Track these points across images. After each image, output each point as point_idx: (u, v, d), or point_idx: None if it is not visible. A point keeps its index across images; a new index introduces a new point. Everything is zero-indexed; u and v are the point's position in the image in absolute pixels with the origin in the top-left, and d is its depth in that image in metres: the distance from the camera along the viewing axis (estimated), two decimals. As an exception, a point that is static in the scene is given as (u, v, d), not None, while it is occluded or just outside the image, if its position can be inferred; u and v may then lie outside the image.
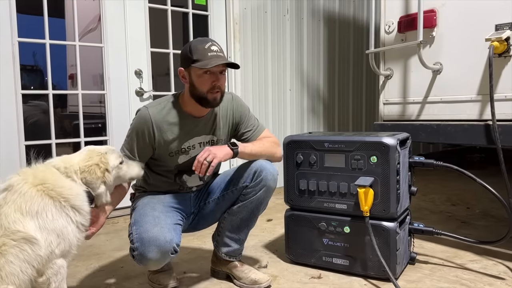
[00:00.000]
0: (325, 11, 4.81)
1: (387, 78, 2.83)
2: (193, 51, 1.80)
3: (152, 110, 1.89)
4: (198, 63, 1.77)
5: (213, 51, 1.79)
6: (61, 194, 1.45)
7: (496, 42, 2.14)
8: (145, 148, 1.90)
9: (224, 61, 1.79)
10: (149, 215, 1.82)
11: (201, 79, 1.81)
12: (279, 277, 2.15)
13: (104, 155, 1.63)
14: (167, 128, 1.89)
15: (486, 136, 2.23)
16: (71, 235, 1.46)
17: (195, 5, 3.85)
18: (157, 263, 1.79)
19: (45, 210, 1.40)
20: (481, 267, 2.20)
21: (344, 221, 2.10)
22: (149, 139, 1.88)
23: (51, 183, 1.45)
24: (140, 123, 1.88)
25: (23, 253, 1.33)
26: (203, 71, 1.79)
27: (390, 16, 2.75)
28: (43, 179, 1.45)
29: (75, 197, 1.48)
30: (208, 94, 1.82)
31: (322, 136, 2.19)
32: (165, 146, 1.91)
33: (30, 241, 1.34)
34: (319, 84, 4.85)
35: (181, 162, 1.97)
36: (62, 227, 1.43)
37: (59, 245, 1.42)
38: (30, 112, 4.95)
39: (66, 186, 1.49)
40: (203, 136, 1.97)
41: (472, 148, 5.96)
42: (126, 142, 1.92)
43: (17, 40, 2.98)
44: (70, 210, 1.46)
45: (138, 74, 3.52)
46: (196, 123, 1.94)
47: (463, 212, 3.32)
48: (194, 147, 1.96)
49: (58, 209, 1.43)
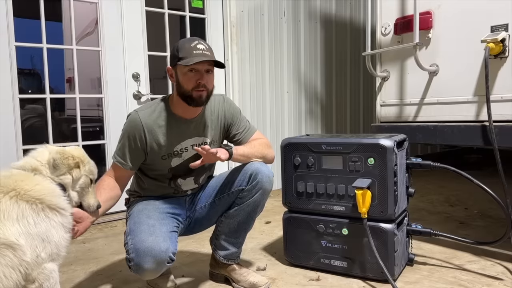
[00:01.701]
0: (321, 13, 4.83)
1: (384, 80, 2.84)
2: (180, 49, 1.81)
3: (142, 113, 1.88)
4: (183, 60, 1.78)
5: (199, 49, 1.79)
6: (34, 196, 1.40)
7: (492, 43, 2.15)
8: (137, 152, 1.89)
9: (207, 58, 1.79)
10: (144, 224, 1.80)
11: (186, 77, 1.82)
12: (277, 280, 2.15)
13: (84, 157, 1.61)
14: (158, 131, 1.89)
15: (483, 137, 2.24)
16: (56, 237, 1.42)
17: (192, 8, 3.85)
18: (153, 273, 1.77)
19: (25, 216, 1.36)
20: (479, 268, 2.20)
21: (342, 223, 2.11)
22: (140, 143, 1.87)
23: (21, 187, 1.40)
24: (131, 127, 1.87)
25: (5, 259, 1.29)
26: (188, 69, 1.80)
27: (386, 18, 2.76)
28: (12, 185, 1.39)
29: (47, 195, 1.43)
30: (193, 92, 1.82)
31: (320, 138, 2.20)
32: (158, 149, 1.90)
33: (12, 246, 1.31)
34: (316, 86, 4.85)
35: (174, 165, 1.96)
36: (46, 230, 1.40)
37: (45, 248, 1.38)
38: (27, 115, 4.96)
39: (36, 184, 1.43)
40: (195, 138, 1.96)
41: (469, 149, 5.98)
42: (118, 148, 1.91)
43: (14, 45, 2.98)
44: (49, 211, 1.42)
45: (136, 77, 3.52)
46: (187, 125, 1.94)
47: (461, 213, 3.32)
48: (187, 149, 1.95)
49: (37, 213, 1.39)
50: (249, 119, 4.19)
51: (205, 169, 2.06)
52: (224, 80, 4.06)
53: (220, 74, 4.05)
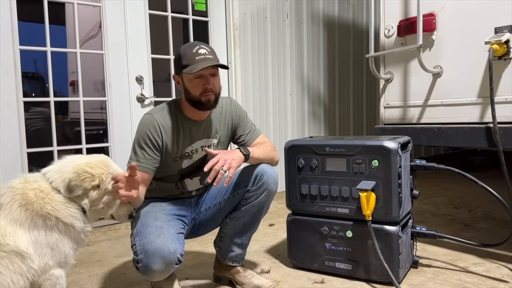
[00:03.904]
0: (324, 15, 4.83)
1: (387, 82, 2.83)
2: (182, 56, 1.82)
3: (157, 115, 1.90)
4: (187, 68, 1.79)
5: (201, 54, 1.80)
6: (51, 214, 1.40)
7: (496, 45, 2.14)
8: (157, 153, 1.87)
9: (210, 63, 1.79)
10: (151, 225, 1.81)
11: (192, 84, 1.83)
12: (282, 282, 2.14)
13: (107, 174, 1.53)
14: (172, 132, 1.90)
15: (487, 138, 2.23)
16: (67, 248, 1.44)
17: (195, 11, 3.86)
18: (161, 274, 1.78)
19: (37, 227, 1.38)
20: (484, 270, 2.19)
21: (346, 225, 2.10)
22: (157, 144, 1.87)
23: (39, 203, 1.39)
24: (149, 128, 1.86)
25: (14, 265, 1.32)
26: (193, 76, 1.81)
27: (389, 20, 2.76)
28: (32, 198, 1.40)
29: (66, 216, 1.43)
30: (202, 97, 1.83)
31: (323, 141, 2.19)
32: (171, 150, 1.91)
33: (21, 254, 1.33)
34: (319, 88, 4.85)
35: (185, 166, 1.98)
36: (57, 241, 1.41)
37: (53, 256, 1.40)
38: (32, 119, 4.97)
39: (55, 205, 1.42)
40: (204, 139, 1.98)
41: (473, 151, 5.96)
42: (134, 153, 1.87)
43: (19, 48, 2.99)
44: (63, 226, 1.43)
45: (139, 80, 3.53)
46: (198, 127, 1.95)
47: (465, 215, 3.31)
48: (197, 151, 1.97)
49: (50, 227, 1.40)
50: (252, 121, 4.22)
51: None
52: (228, 83, 4.06)
53: (223, 77, 4.05)
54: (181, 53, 1.84)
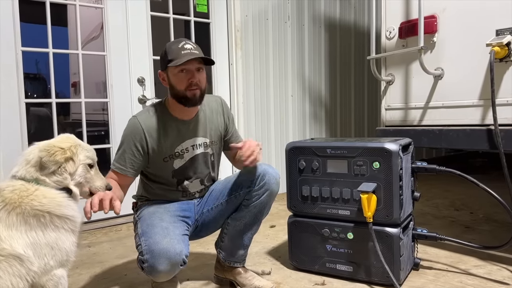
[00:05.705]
0: (326, 17, 4.83)
1: (388, 84, 2.83)
2: (168, 52, 1.84)
3: (141, 117, 1.91)
4: (172, 62, 1.80)
5: (187, 49, 1.81)
6: (42, 210, 1.38)
7: (497, 47, 2.14)
8: (138, 157, 1.89)
9: (195, 56, 1.80)
10: (157, 226, 1.81)
11: (177, 78, 1.84)
12: (282, 284, 2.14)
13: (75, 146, 1.51)
14: (158, 133, 1.91)
15: (488, 140, 2.23)
16: (67, 244, 1.42)
17: (197, 13, 3.87)
18: (167, 275, 1.78)
19: (33, 228, 1.36)
20: (485, 273, 2.19)
21: (347, 227, 2.10)
22: (141, 147, 1.88)
23: (26, 203, 1.37)
24: (132, 132, 1.89)
25: (13, 268, 1.30)
26: (179, 70, 1.82)
27: (391, 22, 2.76)
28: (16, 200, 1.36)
29: (55, 206, 1.40)
30: (187, 92, 1.84)
31: (324, 142, 2.20)
32: (159, 152, 1.92)
33: (20, 257, 1.32)
34: (320, 90, 4.86)
35: (177, 166, 1.97)
36: (56, 238, 1.39)
37: (54, 256, 1.39)
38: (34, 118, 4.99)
39: (43, 197, 1.39)
40: (194, 138, 1.98)
41: (474, 153, 5.96)
42: (118, 156, 1.90)
43: (21, 50, 3.00)
44: (58, 220, 1.40)
45: (141, 82, 3.53)
46: (186, 126, 1.96)
47: (466, 217, 3.30)
48: (188, 150, 1.97)
49: (45, 225, 1.38)
50: (253, 123, 4.23)
51: (208, 168, 2.07)
52: (229, 84, 4.07)
53: (224, 78, 4.07)
54: (166, 48, 1.86)
